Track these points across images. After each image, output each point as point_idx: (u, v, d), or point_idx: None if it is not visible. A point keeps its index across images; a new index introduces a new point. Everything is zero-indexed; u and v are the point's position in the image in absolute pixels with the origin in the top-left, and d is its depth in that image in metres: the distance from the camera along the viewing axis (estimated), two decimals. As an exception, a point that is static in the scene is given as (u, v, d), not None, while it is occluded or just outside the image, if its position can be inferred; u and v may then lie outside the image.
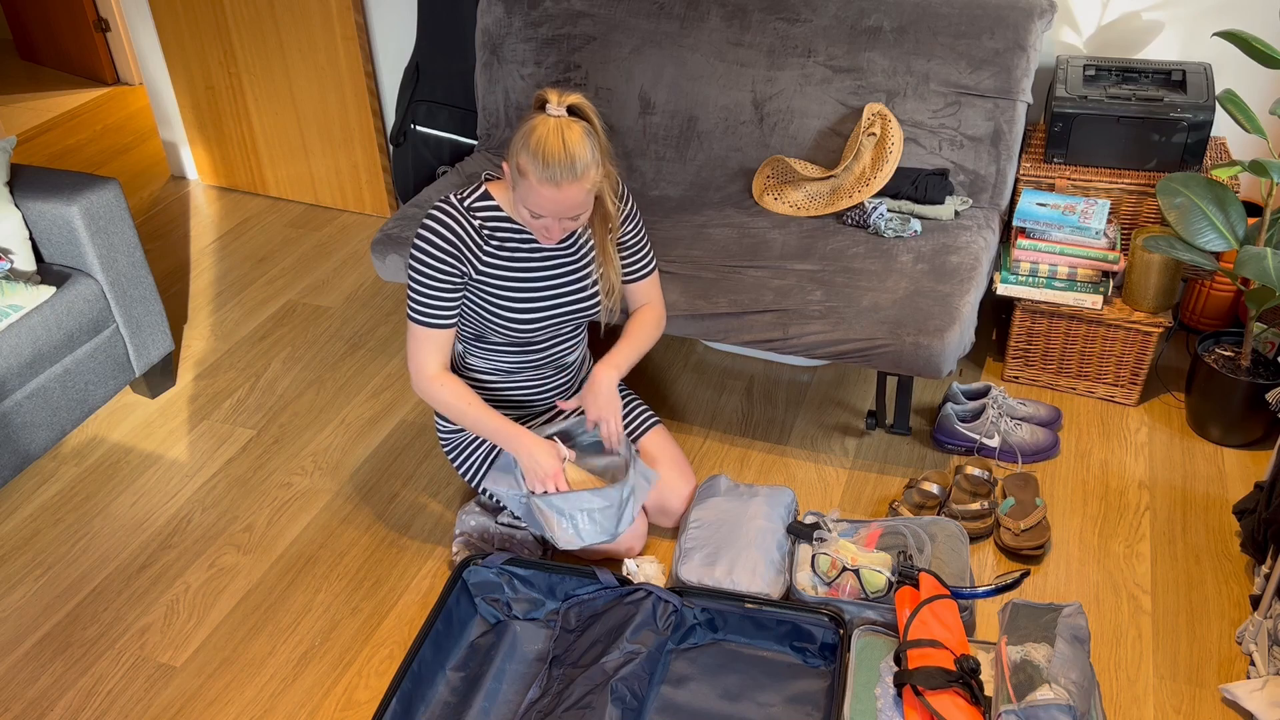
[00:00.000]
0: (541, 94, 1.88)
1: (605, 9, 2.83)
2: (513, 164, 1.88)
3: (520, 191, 1.89)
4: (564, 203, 1.86)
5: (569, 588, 2.04)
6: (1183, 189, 2.28)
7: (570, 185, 1.84)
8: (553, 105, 1.86)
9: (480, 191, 2.03)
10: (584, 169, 1.84)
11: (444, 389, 2.06)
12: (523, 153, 1.84)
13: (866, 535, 2.08)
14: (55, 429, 2.48)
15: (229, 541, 2.35)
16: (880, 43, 2.63)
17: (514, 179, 1.90)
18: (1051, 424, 2.52)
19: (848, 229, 2.55)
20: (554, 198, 1.85)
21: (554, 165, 1.81)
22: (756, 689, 1.93)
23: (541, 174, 1.82)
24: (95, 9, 4.63)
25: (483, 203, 2.02)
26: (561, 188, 1.84)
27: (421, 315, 2.02)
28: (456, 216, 1.99)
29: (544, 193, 1.85)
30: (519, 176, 1.87)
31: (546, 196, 1.85)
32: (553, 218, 1.91)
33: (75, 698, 2.01)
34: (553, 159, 1.81)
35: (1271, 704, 1.81)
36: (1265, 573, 2.01)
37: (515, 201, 1.94)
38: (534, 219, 1.92)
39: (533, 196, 1.87)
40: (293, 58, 3.44)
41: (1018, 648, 1.74)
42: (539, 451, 2.02)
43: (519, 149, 1.85)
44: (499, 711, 1.90)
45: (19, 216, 2.47)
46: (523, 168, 1.85)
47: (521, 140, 1.85)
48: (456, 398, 2.05)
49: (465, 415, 2.06)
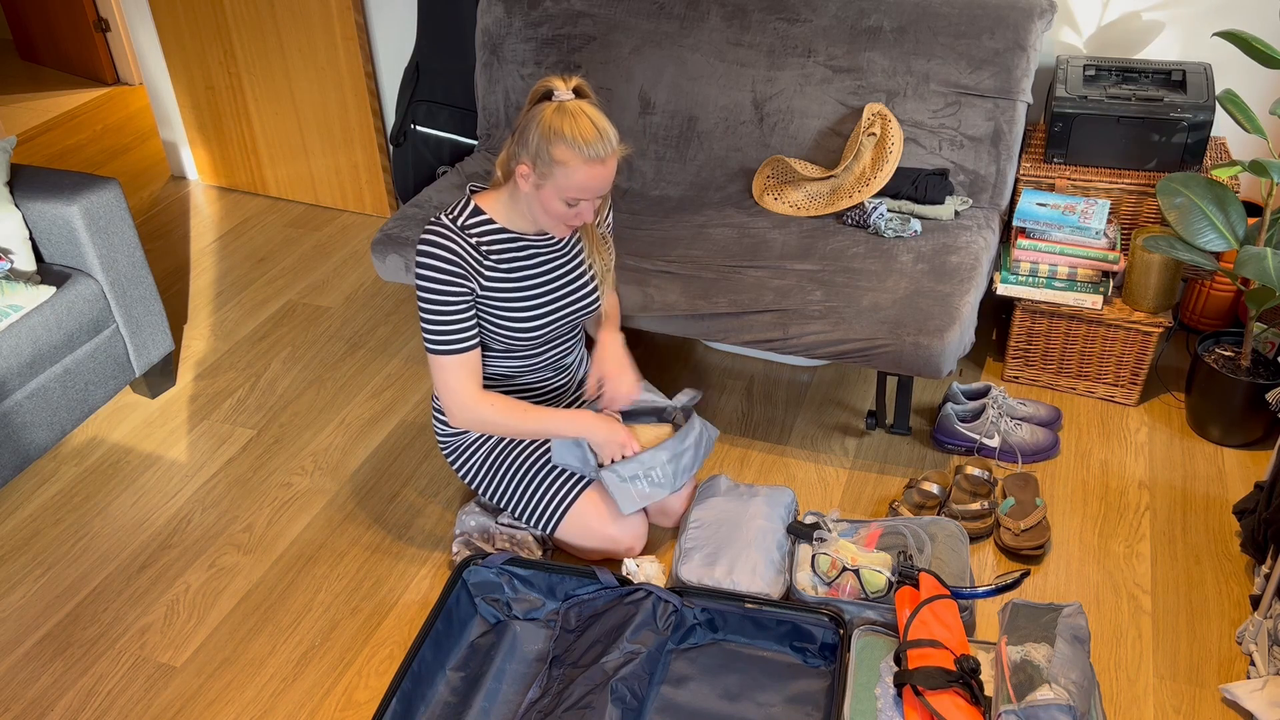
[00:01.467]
0: (543, 84, 1.88)
1: (605, 9, 2.83)
2: (540, 160, 1.86)
3: (556, 183, 1.88)
4: (607, 177, 1.89)
5: (569, 588, 2.04)
6: (1183, 189, 2.28)
7: (611, 158, 1.88)
8: (562, 91, 1.87)
9: (470, 207, 2.02)
10: (617, 137, 1.89)
11: (493, 409, 2.04)
12: (557, 144, 1.84)
13: (866, 535, 2.08)
14: (55, 429, 2.48)
15: (229, 541, 2.35)
16: (880, 43, 2.63)
17: (541, 175, 1.89)
18: (1051, 424, 2.52)
19: (848, 229, 2.55)
20: (600, 174, 1.88)
21: (595, 143, 1.84)
22: (756, 689, 1.93)
23: (587, 155, 1.84)
24: (95, 9, 4.63)
25: (475, 219, 2.01)
26: (606, 163, 1.87)
27: (445, 344, 2.00)
28: (453, 237, 1.97)
29: (591, 172, 1.86)
30: (554, 168, 1.86)
31: (594, 175, 1.87)
32: (591, 199, 1.92)
33: (75, 698, 2.01)
34: (592, 137, 1.84)
35: (1271, 704, 1.81)
36: (1265, 573, 2.01)
37: (538, 201, 1.92)
38: (568, 208, 1.92)
39: (577, 180, 1.87)
40: (293, 58, 3.44)
41: (1018, 648, 1.74)
42: (603, 427, 2.07)
43: (549, 142, 1.84)
44: (499, 711, 1.90)
45: (19, 216, 2.47)
46: (560, 158, 1.84)
47: (544, 135, 1.84)
48: (510, 412, 2.04)
49: (525, 425, 2.06)
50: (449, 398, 2.03)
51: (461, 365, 2.02)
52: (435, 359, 2.02)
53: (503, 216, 2.03)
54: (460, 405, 2.03)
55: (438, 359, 2.01)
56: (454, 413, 2.05)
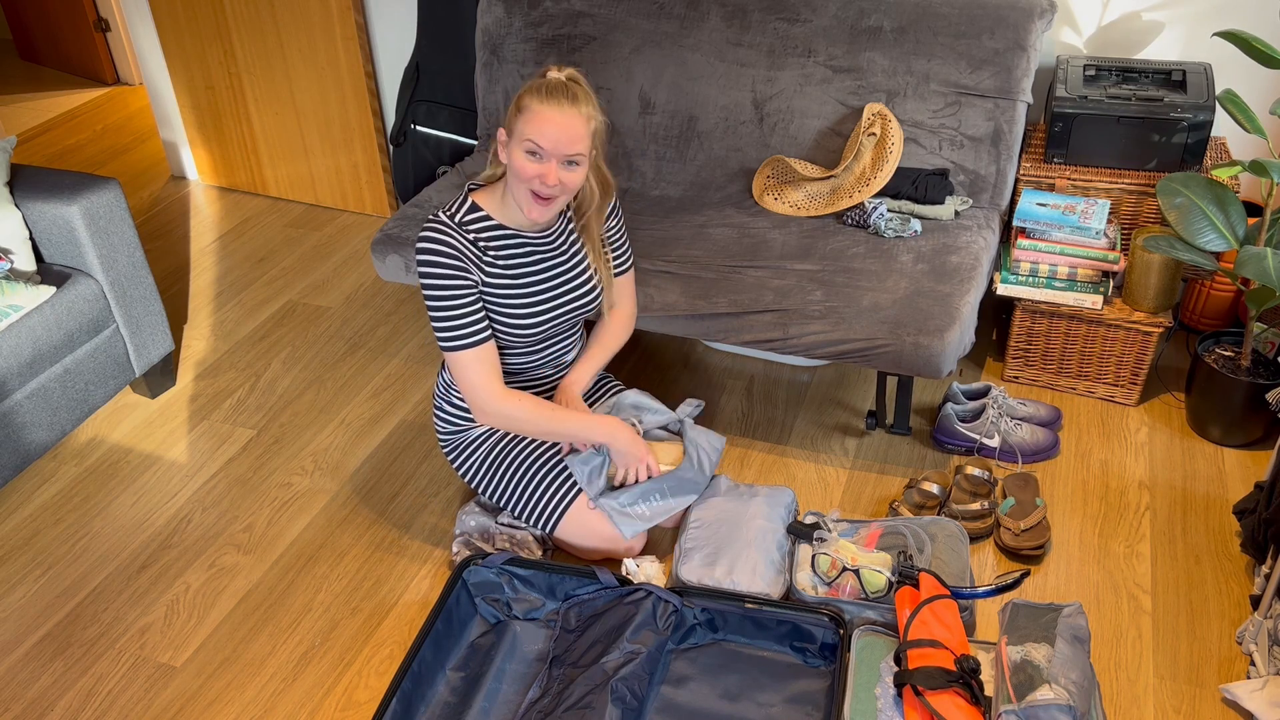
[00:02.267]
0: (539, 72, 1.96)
1: (605, 9, 2.83)
2: (510, 118, 1.92)
3: (520, 133, 1.90)
4: (567, 125, 1.89)
5: (569, 588, 2.04)
6: (1183, 189, 2.28)
7: (572, 108, 1.89)
8: (554, 72, 1.94)
9: (468, 204, 2.03)
10: (584, 96, 1.92)
11: (519, 406, 2.04)
12: (524, 94, 1.91)
13: (866, 535, 2.08)
14: (55, 429, 2.48)
15: (229, 541, 2.35)
16: (880, 43, 2.63)
17: (508, 135, 1.93)
18: (1051, 424, 2.52)
19: (848, 229, 2.55)
20: (559, 120, 1.88)
21: (556, 90, 1.89)
22: (756, 689, 1.93)
23: (544, 98, 1.88)
24: (95, 9, 4.63)
25: (472, 215, 2.02)
26: (565, 110, 1.88)
27: (459, 339, 2.00)
28: (451, 232, 1.98)
29: (549, 115, 1.88)
30: (518, 117, 1.91)
31: (552, 119, 1.88)
32: (552, 156, 1.90)
33: (75, 698, 2.01)
34: (555, 86, 1.89)
35: (1271, 704, 1.81)
36: (1265, 573, 2.01)
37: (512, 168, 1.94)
38: (530, 161, 1.91)
39: (536, 123, 1.89)
40: (293, 58, 3.44)
41: (1018, 648, 1.74)
42: (626, 437, 2.08)
43: (518, 95, 1.92)
44: (499, 711, 1.90)
45: (19, 216, 2.47)
46: (524, 104, 1.90)
47: (519, 93, 1.92)
48: (535, 411, 2.05)
49: (549, 425, 2.06)
50: (472, 394, 2.04)
51: (479, 359, 2.02)
52: (452, 356, 2.02)
53: (499, 213, 2.04)
54: (486, 399, 2.03)
55: (455, 356, 2.01)
56: (478, 408, 2.05)
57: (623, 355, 2.89)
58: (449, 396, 2.20)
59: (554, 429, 2.07)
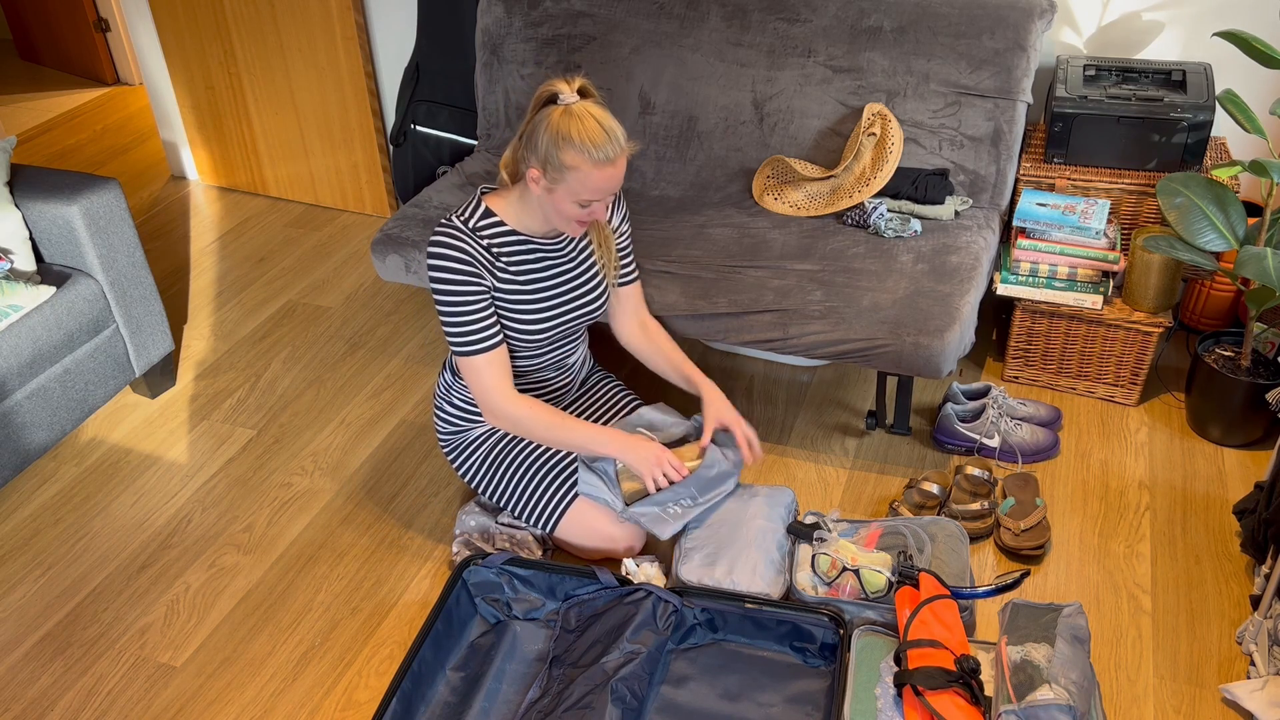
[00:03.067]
0: (547, 87, 1.88)
1: (605, 9, 2.83)
2: (550, 164, 1.86)
3: (569, 186, 1.87)
4: (618, 176, 1.89)
5: (569, 588, 2.04)
6: (1183, 189, 2.28)
7: (621, 157, 1.87)
8: (567, 94, 1.87)
9: (482, 209, 2.01)
10: (625, 135, 1.88)
11: (530, 413, 2.03)
12: (565, 150, 1.83)
13: (866, 535, 2.08)
14: (55, 429, 2.48)
15: (229, 541, 2.35)
16: (880, 43, 2.63)
17: (552, 180, 1.88)
18: (1051, 424, 2.52)
19: (848, 229, 2.55)
20: (612, 175, 1.87)
21: (604, 145, 1.84)
22: (756, 689, 1.93)
23: (596, 158, 1.84)
24: (95, 9, 4.63)
25: (485, 220, 2.00)
26: (616, 163, 1.87)
27: (471, 343, 1.99)
28: (464, 238, 1.97)
29: (603, 174, 1.86)
30: (565, 172, 1.85)
31: (606, 176, 1.87)
32: (604, 199, 1.91)
33: (75, 698, 2.01)
34: (601, 139, 1.83)
35: (1271, 704, 1.81)
36: (1265, 573, 2.01)
37: (551, 204, 1.92)
38: (581, 209, 1.92)
39: (589, 184, 1.87)
40: (293, 58, 3.44)
41: (1018, 648, 1.74)
42: (639, 447, 2.04)
43: (558, 147, 1.84)
44: (499, 711, 1.90)
45: (19, 216, 2.47)
46: (570, 162, 1.84)
47: (553, 140, 1.84)
48: (546, 416, 2.03)
49: (559, 435, 2.04)
50: (484, 397, 2.03)
51: (491, 364, 2.01)
52: (464, 361, 2.01)
53: (513, 218, 2.02)
54: (497, 403, 2.03)
55: (467, 361, 2.01)
56: (489, 410, 2.05)
57: (623, 357, 2.89)
58: (450, 397, 2.20)
59: (562, 438, 2.05)
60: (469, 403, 2.18)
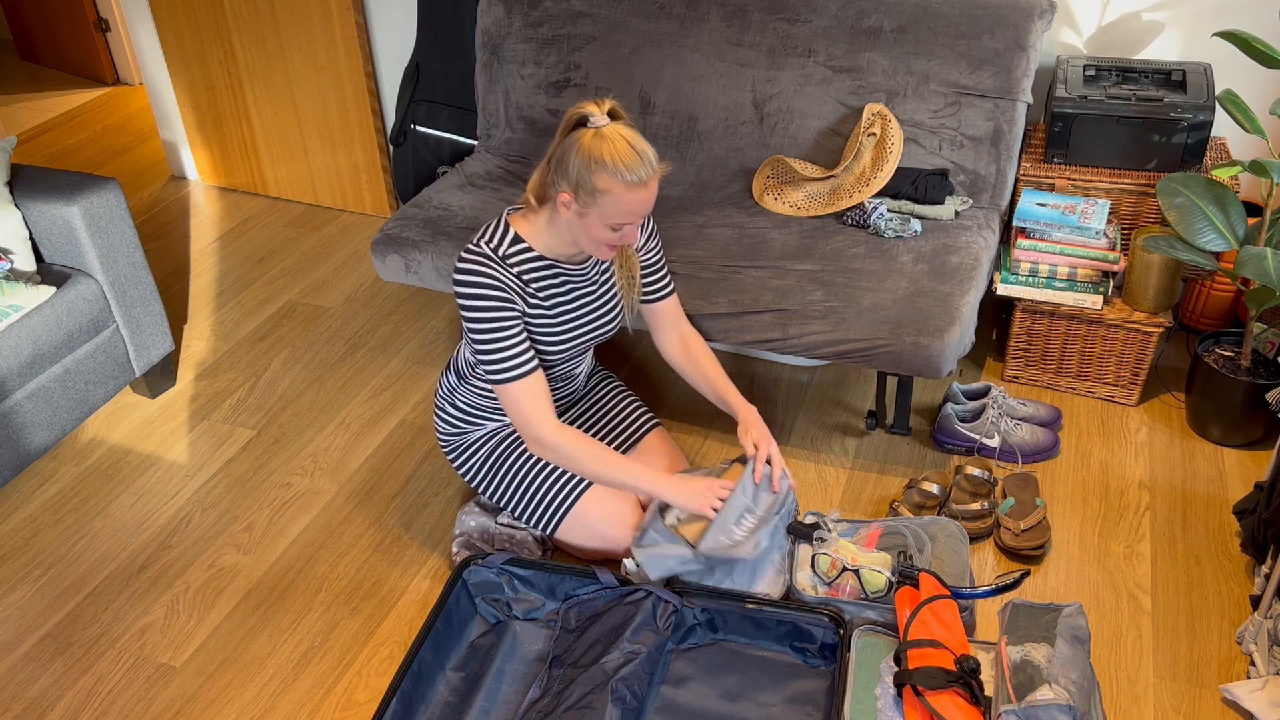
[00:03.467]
0: (576, 110, 1.86)
1: (605, 9, 2.83)
2: (582, 189, 1.84)
3: (601, 210, 1.86)
4: (650, 199, 1.88)
5: (569, 588, 2.04)
6: (1183, 189, 2.28)
7: (653, 179, 1.86)
8: (597, 116, 1.85)
9: (511, 235, 1.98)
10: (656, 157, 1.88)
11: (575, 443, 2.00)
12: (598, 173, 1.82)
13: (866, 535, 2.08)
14: (55, 429, 2.48)
15: (229, 541, 2.35)
16: (880, 43, 2.63)
17: (584, 204, 1.86)
18: (1051, 424, 2.52)
19: (848, 229, 2.55)
20: (645, 198, 1.87)
21: (636, 168, 1.82)
22: (756, 689, 1.93)
23: (629, 180, 1.82)
24: (95, 9, 4.63)
25: (515, 247, 1.97)
26: (649, 185, 1.86)
27: (510, 370, 1.96)
28: (495, 266, 1.94)
29: (636, 197, 1.85)
30: (597, 195, 1.84)
31: (639, 199, 1.86)
32: (635, 222, 1.91)
33: (75, 698, 2.01)
34: (634, 163, 1.82)
35: (1271, 704, 1.81)
36: (1265, 573, 2.01)
37: (582, 228, 1.91)
38: (613, 232, 1.90)
39: (622, 207, 1.85)
40: (293, 58, 3.44)
41: (1018, 648, 1.74)
42: (689, 484, 2.02)
43: (590, 171, 1.82)
44: (499, 711, 1.90)
45: (19, 216, 2.47)
46: (602, 186, 1.82)
47: (585, 164, 1.82)
48: (590, 449, 2.00)
49: (599, 470, 2.01)
50: (526, 426, 2.00)
51: (528, 389, 1.98)
52: (503, 389, 1.98)
53: (540, 243, 2.00)
54: (538, 431, 1.99)
55: (506, 389, 1.98)
56: (532, 439, 2.01)
57: (623, 357, 2.89)
58: (453, 399, 2.20)
59: (605, 474, 2.02)
60: (472, 406, 2.18)
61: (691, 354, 2.26)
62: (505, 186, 2.81)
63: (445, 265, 2.55)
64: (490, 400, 2.17)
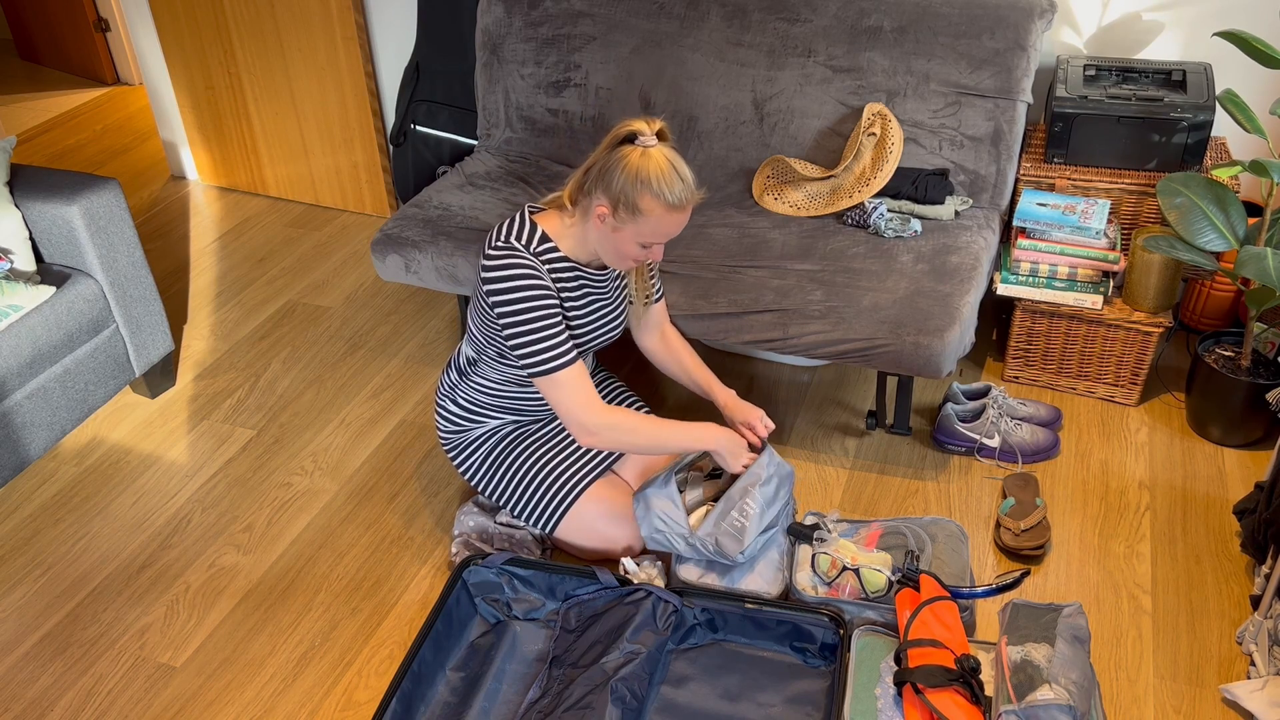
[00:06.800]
0: (625, 126, 1.86)
1: (605, 9, 2.83)
2: (623, 204, 1.85)
3: (637, 228, 1.87)
4: (684, 222, 1.91)
5: (569, 588, 2.04)
6: (1183, 189, 2.28)
7: (691, 203, 1.89)
8: (646, 135, 1.86)
9: (539, 233, 1.98)
10: (697, 182, 1.92)
11: (627, 418, 1.99)
12: (643, 193, 1.83)
13: (866, 535, 2.08)
14: (55, 429, 2.48)
15: (229, 541, 2.35)
16: (880, 43, 2.63)
17: (620, 220, 1.87)
18: (1051, 424, 2.52)
19: (848, 229, 2.55)
20: (681, 221, 1.89)
21: (680, 191, 1.85)
22: (756, 689, 1.93)
23: (671, 203, 1.84)
24: (95, 9, 4.63)
25: (543, 245, 1.98)
26: (687, 209, 1.88)
27: (557, 359, 1.95)
28: (533, 262, 1.94)
29: (674, 219, 1.87)
30: (637, 214, 1.85)
31: (676, 221, 1.88)
32: (665, 241, 1.93)
33: (75, 698, 2.01)
34: (677, 186, 1.84)
35: (1272, 704, 1.81)
36: (1265, 573, 2.01)
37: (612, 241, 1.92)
38: (641, 249, 1.92)
39: (659, 227, 1.87)
40: (293, 58, 3.44)
41: (1018, 648, 1.74)
42: (725, 435, 2.06)
43: (635, 189, 1.83)
44: (499, 711, 1.90)
45: (19, 216, 2.47)
46: (645, 206, 1.84)
47: (630, 181, 1.83)
48: (642, 421, 2.00)
49: (657, 435, 2.01)
50: (577, 414, 1.97)
51: (573, 377, 1.97)
52: (549, 380, 1.96)
53: (567, 245, 2.00)
54: (589, 418, 1.97)
55: (553, 378, 1.96)
56: (582, 428, 1.98)
57: (623, 357, 2.89)
58: (454, 396, 2.20)
59: (661, 441, 2.02)
60: (473, 403, 2.18)
61: (670, 346, 2.29)
62: (505, 186, 2.81)
63: (445, 265, 2.55)
64: (490, 397, 2.17)
